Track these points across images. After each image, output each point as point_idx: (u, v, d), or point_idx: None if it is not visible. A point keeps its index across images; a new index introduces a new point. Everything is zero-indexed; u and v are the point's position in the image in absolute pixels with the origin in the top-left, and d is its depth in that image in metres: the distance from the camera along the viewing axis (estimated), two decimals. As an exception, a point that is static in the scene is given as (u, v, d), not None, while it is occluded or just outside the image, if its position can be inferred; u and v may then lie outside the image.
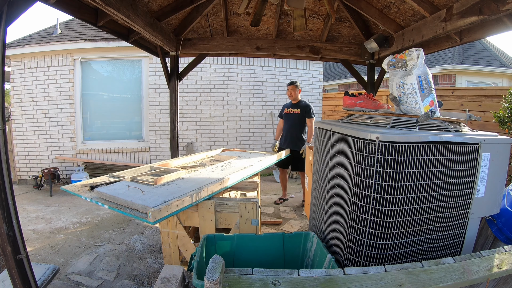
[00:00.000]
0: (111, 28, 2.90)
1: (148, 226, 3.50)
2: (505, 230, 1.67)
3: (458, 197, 1.48)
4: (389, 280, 1.10)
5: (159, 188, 2.16)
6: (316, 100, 6.82)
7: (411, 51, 1.66)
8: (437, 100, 1.68)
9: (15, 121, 5.52)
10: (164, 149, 5.94)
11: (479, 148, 1.47)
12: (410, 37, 2.82)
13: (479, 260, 1.23)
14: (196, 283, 1.32)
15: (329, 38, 3.77)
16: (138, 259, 2.77)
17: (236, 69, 6.30)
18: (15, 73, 5.49)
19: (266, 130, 6.61)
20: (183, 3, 2.97)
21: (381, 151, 1.33)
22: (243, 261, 1.84)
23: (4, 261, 1.32)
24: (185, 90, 6.01)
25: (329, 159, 1.82)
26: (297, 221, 3.70)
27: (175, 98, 3.69)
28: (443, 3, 2.31)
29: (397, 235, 1.41)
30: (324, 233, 1.92)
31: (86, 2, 2.38)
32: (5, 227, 1.25)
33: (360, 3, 2.94)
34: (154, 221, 1.67)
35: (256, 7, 2.37)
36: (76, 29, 6.02)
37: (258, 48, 3.73)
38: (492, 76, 8.44)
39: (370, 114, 1.82)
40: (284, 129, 4.23)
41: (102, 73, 5.95)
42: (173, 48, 3.54)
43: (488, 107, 3.60)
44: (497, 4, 1.80)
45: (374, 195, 1.37)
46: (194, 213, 2.19)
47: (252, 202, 2.13)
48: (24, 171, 5.60)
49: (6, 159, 1.25)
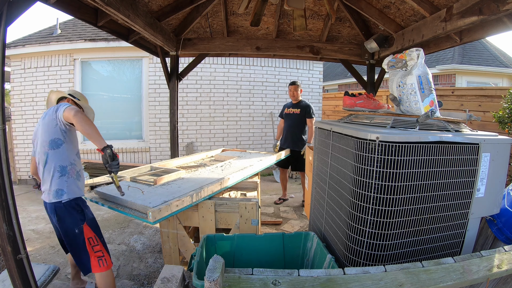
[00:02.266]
0: (111, 28, 2.90)
1: (148, 226, 3.50)
2: (505, 230, 1.67)
3: (458, 197, 1.48)
4: (389, 280, 1.10)
5: (159, 188, 2.16)
6: (316, 100, 6.82)
7: (411, 51, 1.66)
8: (437, 100, 1.68)
9: (15, 121, 5.52)
10: (164, 149, 5.94)
11: (479, 148, 1.47)
12: (410, 37, 2.81)
13: (479, 260, 1.23)
14: (196, 283, 1.32)
15: (329, 38, 3.77)
16: (138, 259, 2.77)
17: (236, 69, 6.30)
18: (15, 73, 5.49)
19: (266, 130, 6.61)
20: (183, 3, 2.97)
21: (381, 151, 1.33)
22: (243, 261, 1.84)
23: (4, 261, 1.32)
24: (185, 90, 6.01)
25: (329, 159, 1.82)
26: (297, 221, 3.70)
27: (175, 98, 3.69)
28: (443, 3, 2.31)
29: (397, 235, 1.41)
30: (324, 233, 1.92)
31: (86, 2, 2.38)
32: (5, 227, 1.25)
33: (360, 3, 2.94)
34: (154, 221, 1.67)
35: (256, 7, 2.37)
36: (76, 29, 6.02)
37: (258, 48, 3.73)
38: (492, 76, 8.43)
39: (370, 114, 1.82)
40: (285, 129, 4.24)
41: (102, 73, 5.95)
42: (173, 48, 3.54)
43: (488, 107, 3.60)
44: (497, 4, 1.80)
45: (374, 195, 1.37)
46: (194, 213, 2.19)
47: (252, 202, 2.13)
48: (24, 171, 5.60)
49: (6, 159, 1.25)
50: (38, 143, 1.83)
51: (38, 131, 1.84)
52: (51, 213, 1.82)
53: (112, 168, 1.67)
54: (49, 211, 1.85)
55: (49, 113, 1.79)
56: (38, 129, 1.85)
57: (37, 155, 1.85)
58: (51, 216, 1.87)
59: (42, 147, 1.78)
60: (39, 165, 1.84)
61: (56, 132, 1.76)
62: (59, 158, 1.78)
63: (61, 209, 1.77)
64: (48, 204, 1.81)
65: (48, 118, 1.77)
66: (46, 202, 1.81)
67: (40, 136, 1.81)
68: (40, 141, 1.80)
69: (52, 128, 1.76)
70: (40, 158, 1.81)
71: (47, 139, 1.77)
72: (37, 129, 1.87)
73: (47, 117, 1.78)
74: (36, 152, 1.88)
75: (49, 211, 1.84)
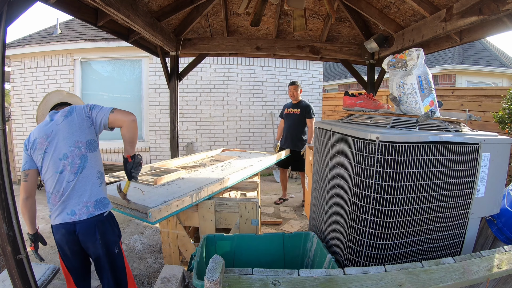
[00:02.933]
0: (111, 28, 2.90)
1: (148, 226, 3.50)
2: (505, 230, 1.67)
3: (458, 197, 1.48)
4: (389, 280, 1.10)
5: (159, 188, 2.16)
6: (316, 100, 6.82)
7: (411, 51, 1.66)
8: (437, 100, 1.68)
9: (15, 121, 5.52)
10: (164, 149, 5.93)
11: (479, 148, 1.47)
12: (410, 37, 2.81)
13: (479, 260, 1.23)
14: (196, 283, 1.33)
15: (329, 38, 3.77)
16: (138, 259, 2.77)
17: (236, 69, 6.30)
18: (15, 73, 5.48)
19: (266, 130, 6.61)
20: (183, 3, 2.97)
21: (381, 151, 1.33)
22: (243, 261, 1.84)
23: (4, 261, 1.32)
24: (185, 90, 6.01)
25: (329, 159, 1.82)
26: (297, 221, 3.70)
27: (175, 98, 3.69)
28: (443, 3, 2.31)
29: (397, 235, 1.41)
30: (324, 233, 1.92)
31: (86, 2, 2.38)
32: (5, 227, 1.25)
33: (360, 3, 2.94)
34: (154, 221, 1.67)
35: (256, 7, 2.37)
36: (76, 29, 6.02)
37: (258, 48, 3.73)
38: (492, 76, 8.43)
39: (370, 114, 1.82)
40: (285, 129, 4.24)
41: (102, 73, 5.95)
42: (173, 48, 3.54)
43: (488, 107, 3.60)
44: (497, 4, 1.80)
45: (374, 195, 1.37)
46: (194, 213, 2.19)
47: (252, 202, 2.13)
48: (24, 171, 5.59)
49: (6, 159, 1.25)
50: (60, 147, 1.45)
51: (58, 134, 1.46)
52: (87, 232, 1.45)
53: (136, 174, 1.65)
54: (83, 230, 1.45)
55: (78, 111, 1.50)
56: (57, 131, 1.46)
57: (56, 164, 1.44)
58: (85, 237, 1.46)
59: (75, 150, 1.45)
60: (63, 174, 1.44)
61: (91, 133, 1.51)
62: (98, 163, 1.54)
63: (103, 223, 1.49)
64: (82, 223, 1.44)
65: (77, 117, 1.48)
66: (79, 220, 1.43)
67: (64, 138, 1.45)
68: (69, 143, 1.45)
69: (86, 128, 1.49)
70: (69, 165, 1.44)
71: (82, 139, 1.47)
72: (51, 131, 1.47)
73: (76, 116, 1.48)
74: (54, 160, 1.44)
75: (84, 229, 1.45)
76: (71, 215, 1.44)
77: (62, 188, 1.44)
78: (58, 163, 1.44)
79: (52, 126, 1.48)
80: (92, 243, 1.48)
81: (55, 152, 1.45)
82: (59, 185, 1.44)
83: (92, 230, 1.46)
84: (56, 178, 1.44)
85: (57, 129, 1.46)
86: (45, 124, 1.51)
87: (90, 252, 1.52)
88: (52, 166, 1.45)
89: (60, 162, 1.44)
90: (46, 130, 1.47)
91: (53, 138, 1.46)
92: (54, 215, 1.48)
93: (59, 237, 1.49)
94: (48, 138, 1.46)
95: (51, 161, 1.45)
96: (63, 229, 1.45)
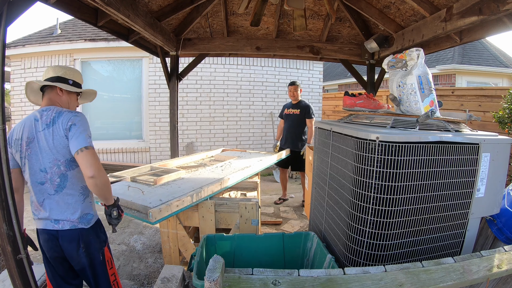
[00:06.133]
0: (111, 28, 2.90)
1: (148, 226, 3.50)
2: (505, 230, 1.67)
3: (458, 197, 1.48)
4: (389, 280, 1.10)
5: (159, 188, 2.16)
6: (316, 100, 6.82)
7: (411, 51, 1.66)
8: (437, 100, 1.69)
9: (15, 121, 5.52)
10: (164, 149, 5.94)
11: (479, 148, 1.47)
12: (410, 37, 2.81)
13: (479, 260, 1.23)
14: (196, 283, 1.33)
15: (329, 38, 3.77)
16: (138, 259, 2.77)
17: (236, 69, 6.30)
18: (15, 73, 5.49)
19: (266, 130, 6.61)
20: (183, 3, 2.97)
21: (381, 151, 1.33)
22: (243, 261, 1.84)
23: (4, 261, 1.32)
24: (185, 90, 6.01)
25: (329, 159, 1.82)
26: (297, 221, 3.70)
27: (175, 98, 3.69)
28: (443, 3, 2.31)
29: (397, 235, 1.41)
30: (324, 233, 1.92)
31: (86, 2, 2.38)
32: (5, 227, 1.25)
33: (360, 3, 2.94)
34: (154, 221, 1.68)
35: (256, 7, 2.37)
36: (76, 29, 6.02)
37: (258, 48, 3.73)
38: (492, 76, 8.43)
39: (370, 114, 1.82)
40: (284, 129, 4.24)
41: (102, 73, 5.96)
42: (173, 48, 3.54)
43: (488, 107, 3.60)
44: (497, 4, 1.80)
45: (374, 195, 1.37)
46: (194, 213, 2.19)
47: (252, 202, 2.13)
48: (24, 171, 5.60)
49: (6, 159, 1.24)
50: (40, 158, 1.37)
51: (39, 142, 1.37)
52: (69, 242, 1.42)
53: (113, 224, 1.53)
54: (65, 240, 1.42)
55: (60, 124, 1.36)
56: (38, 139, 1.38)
57: (37, 174, 1.37)
58: (67, 246, 1.43)
59: (54, 167, 1.37)
60: (44, 187, 1.38)
61: (70, 152, 1.38)
62: (80, 178, 1.42)
63: (87, 234, 1.45)
64: (65, 233, 1.40)
65: (57, 132, 1.36)
66: (61, 229, 1.40)
67: (44, 151, 1.37)
68: (48, 159, 1.37)
69: (63, 148, 1.37)
70: (49, 181, 1.37)
71: (61, 158, 1.37)
72: (33, 137, 1.38)
73: (56, 129, 1.36)
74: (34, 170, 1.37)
75: (66, 240, 1.42)
76: (54, 223, 1.41)
77: (43, 199, 1.40)
78: (39, 174, 1.38)
79: (35, 130, 1.39)
80: (75, 252, 1.44)
81: (36, 162, 1.38)
82: (40, 195, 1.40)
83: (75, 239, 1.42)
84: (38, 188, 1.40)
85: (38, 137, 1.38)
86: (29, 123, 1.41)
87: (74, 263, 1.48)
88: (33, 175, 1.39)
89: (41, 173, 1.38)
90: (29, 133, 1.39)
91: (34, 145, 1.38)
92: (37, 218, 1.45)
93: (42, 242, 1.47)
94: (29, 143, 1.39)
95: (31, 170, 1.39)
96: (46, 234, 1.43)
